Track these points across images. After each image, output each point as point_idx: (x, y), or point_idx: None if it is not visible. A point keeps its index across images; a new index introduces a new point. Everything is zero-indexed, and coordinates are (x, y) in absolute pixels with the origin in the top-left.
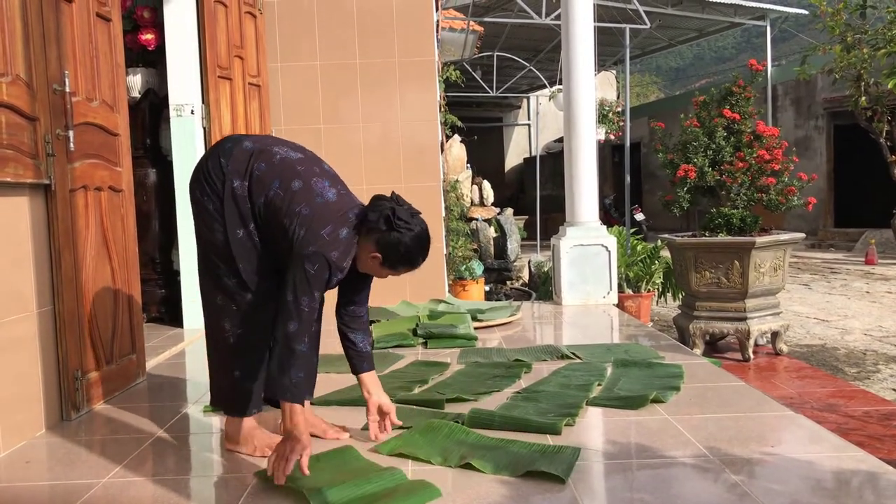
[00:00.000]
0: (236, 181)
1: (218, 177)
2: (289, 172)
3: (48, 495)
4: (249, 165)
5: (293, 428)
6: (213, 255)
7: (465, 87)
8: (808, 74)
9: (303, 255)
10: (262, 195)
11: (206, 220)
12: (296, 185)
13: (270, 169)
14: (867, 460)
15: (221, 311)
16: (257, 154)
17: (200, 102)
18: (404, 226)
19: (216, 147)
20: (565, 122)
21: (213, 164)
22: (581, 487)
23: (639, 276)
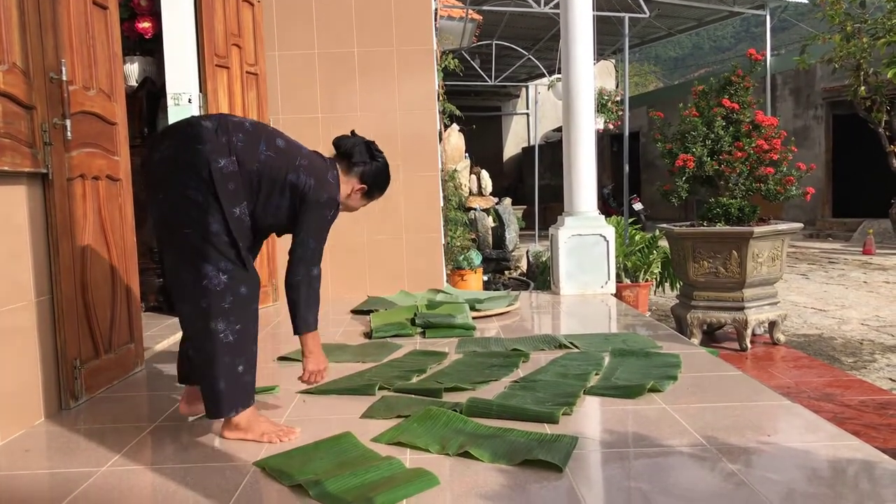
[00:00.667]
0: (221, 160)
1: (199, 163)
2: (266, 134)
3: (47, 483)
4: (228, 141)
5: (318, 350)
6: (208, 250)
7: (464, 75)
8: (808, 64)
9: (321, 203)
10: (255, 162)
11: (195, 214)
12: (280, 142)
13: (249, 136)
14: (863, 449)
15: (211, 314)
16: (226, 129)
17: (198, 91)
18: (380, 155)
19: (179, 137)
20: (564, 111)
21: (189, 153)
22: (578, 476)
23: (637, 265)
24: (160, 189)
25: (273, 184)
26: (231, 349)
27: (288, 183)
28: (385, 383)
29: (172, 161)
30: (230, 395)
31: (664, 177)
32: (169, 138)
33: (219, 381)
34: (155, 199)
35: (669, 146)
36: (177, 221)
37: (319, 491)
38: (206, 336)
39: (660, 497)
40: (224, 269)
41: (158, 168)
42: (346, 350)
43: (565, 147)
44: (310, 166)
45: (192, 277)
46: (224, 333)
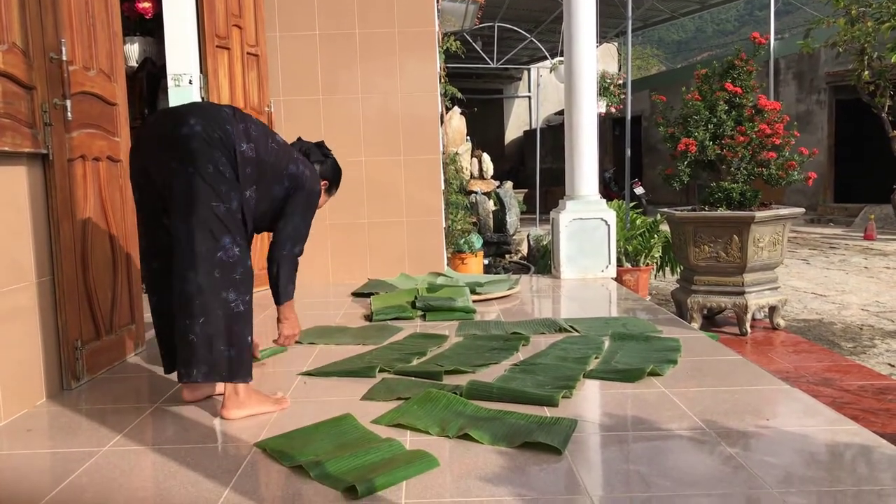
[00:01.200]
0: (243, 144)
1: (228, 143)
2: (268, 129)
3: (49, 463)
4: (245, 128)
5: (294, 317)
6: (230, 224)
7: (466, 58)
8: (812, 48)
9: (315, 191)
10: (266, 152)
11: (224, 189)
12: (279, 138)
13: (261, 129)
14: (861, 434)
15: (223, 284)
16: (242, 117)
17: (199, 72)
18: (331, 153)
19: (208, 116)
20: (566, 94)
21: (221, 132)
22: (577, 459)
23: (638, 250)
24: (189, 162)
25: (277, 173)
26: (241, 319)
27: (289, 173)
28: (385, 366)
29: (205, 137)
30: (244, 362)
31: (666, 161)
32: (195, 116)
33: (231, 349)
34: (180, 171)
35: (671, 130)
36: (205, 194)
37: (320, 472)
38: (217, 305)
39: (658, 480)
40: (238, 243)
41: (189, 142)
42: (346, 332)
43: (567, 130)
44: (303, 160)
45: (206, 248)
46: (235, 303)
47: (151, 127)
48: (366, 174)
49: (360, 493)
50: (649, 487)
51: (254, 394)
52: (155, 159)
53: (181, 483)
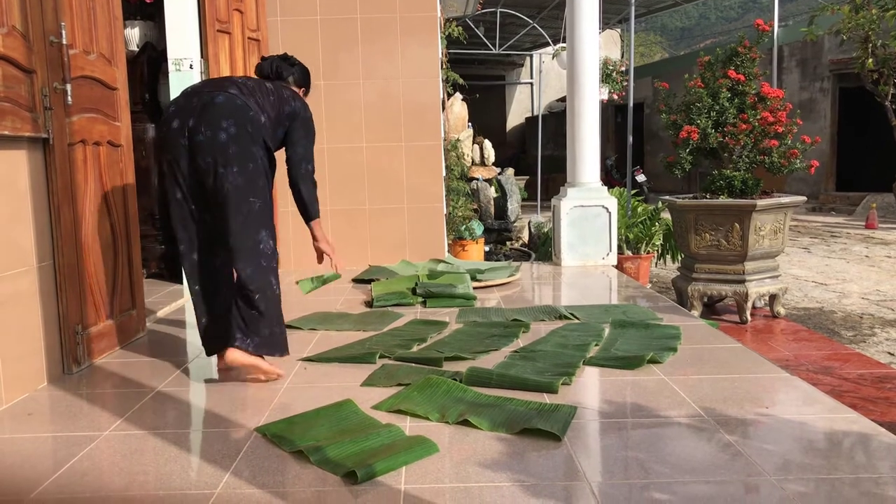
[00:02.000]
0: (264, 118)
1: (257, 138)
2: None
3: (50, 447)
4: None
5: (324, 235)
6: (264, 218)
7: (468, 44)
8: (816, 35)
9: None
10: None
11: (261, 183)
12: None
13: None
14: (860, 422)
15: (267, 272)
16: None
17: (199, 57)
18: (295, 59)
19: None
20: (568, 81)
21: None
22: (576, 445)
23: (639, 237)
24: (232, 163)
25: (279, 122)
26: (279, 301)
27: (286, 114)
28: (386, 352)
29: (242, 137)
30: (276, 339)
31: (668, 148)
32: (226, 118)
33: (279, 326)
34: (226, 173)
35: (674, 117)
36: (247, 191)
37: (320, 457)
38: (266, 289)
39: (657, 466)
40: (272, 237)
41: (229, 145)
42: (347, 319)
43: (569, 117)
44: (291, 91)
45: (251, 243)
46: (276, 287)
47: (186, 132)
48: (366, 160)
49: (359, 478)
50: (648, 474)
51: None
52: (201, 166)
53: (181, 467)
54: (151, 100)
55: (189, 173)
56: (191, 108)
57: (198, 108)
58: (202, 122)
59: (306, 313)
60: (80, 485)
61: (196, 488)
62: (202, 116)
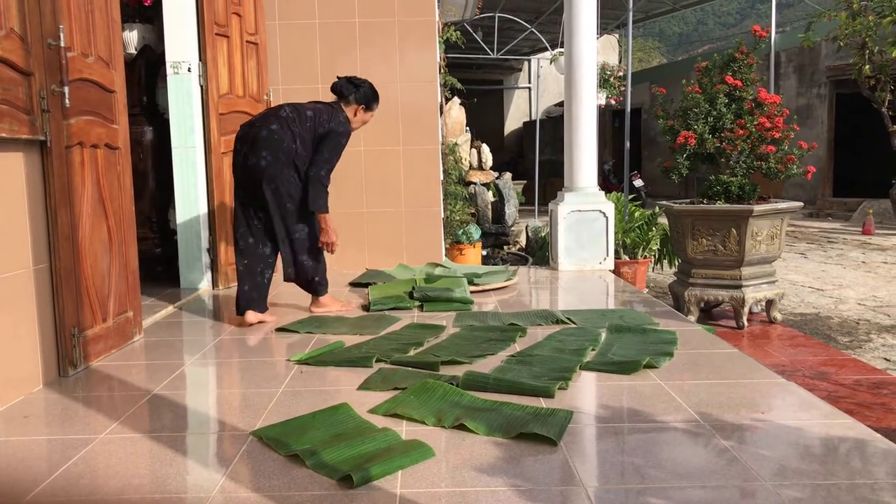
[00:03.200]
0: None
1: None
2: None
3: (46, 450)
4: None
5: (328, 226)
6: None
7: (466, 48)
8: (813, 42)
9: (339, 132)
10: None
11: (294, 193)
12: (308, 112)
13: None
14: (856, 428)
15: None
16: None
17: (198, 60)
18: (361, 81)
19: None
20: (566, 86)
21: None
22: (573, 450)
23: (636, 242)
24: (273, 182)
25: (312, 140)
26: (312, 268)
27: (319, 134)
28: (382, 356)
29: (275, 163)
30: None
31: (665, 153)
32: (265, 149)
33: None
34: (268, 188)
35: (671, 123)
36: (286, 197)
37: (316, 461)
38: (301, 261)
39: (653, 471)
40: (304, 226)
41: (268, 170)
42: (344, 322)
43: (567, 122)
44: (327, 114)
45: (285, 232)
46: (307, 260)
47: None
48: (365, 164)
49: (355, 483)
50: (644, 479)
51: (330, 300)
52: (252, 180)
53: (177, 471)
54: (149, 103)
55: (244, 185)
56: (246, 139)
57: (250, 140)
58: (251, 152)
59: (302, 317)
60: (75, 488)
61: (192, 492)
62: (252, 147)
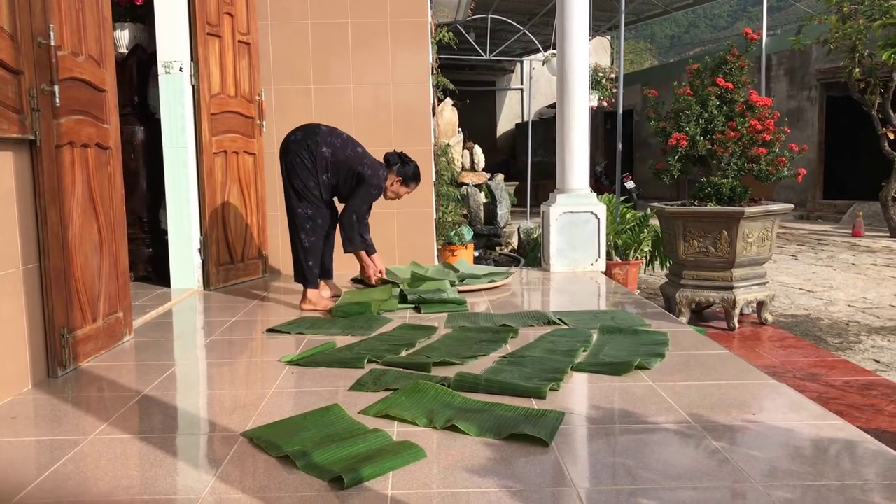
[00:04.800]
0: (325, 149)
1: (312, 148)
2: (350, 145)
3: (34, 451)
4: (331, 139)
5: (368, 261)
6: (301, 196)
7: (458, 49)
8: (804, 45)
9: (372, 184)
10: (343, 154)
11: (300, 174)
12: (359, 150)
13: (342, 143)
14: (846, 429)
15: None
16: (330, 135)
17: (189, 60)
18: (409, 159)
19: (310, 130)
20: (558, 87)
21: (311, 141)
22: (564, 451)
23: (627, 243)
24: (284, 157)
25: (350, 169)
26: (307, 250)
27: (357, 172)
28: (374, 357)
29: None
30: (311, 275)
31: (657, 155)
32: (300, 130)
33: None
34: (282, 164)
35: (663, 125)
36: (290, 176)
37: (307, 462)
38: (296, 241)
39: (644, 473)
40: (311, 208)
41: (287, 145)
42: (335, 323)
43: (559, 124)
44: (371, 165)
45: (294, 210)
46: (304, 241)
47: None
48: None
49: (346, 484)
50: (635, 480)
51: (318, 297)
52: (281, 156)
53: (167, 472)
54: (140, 102)
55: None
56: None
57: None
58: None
59: (292, 318)
60: (63, 489)
61: (182, 493)
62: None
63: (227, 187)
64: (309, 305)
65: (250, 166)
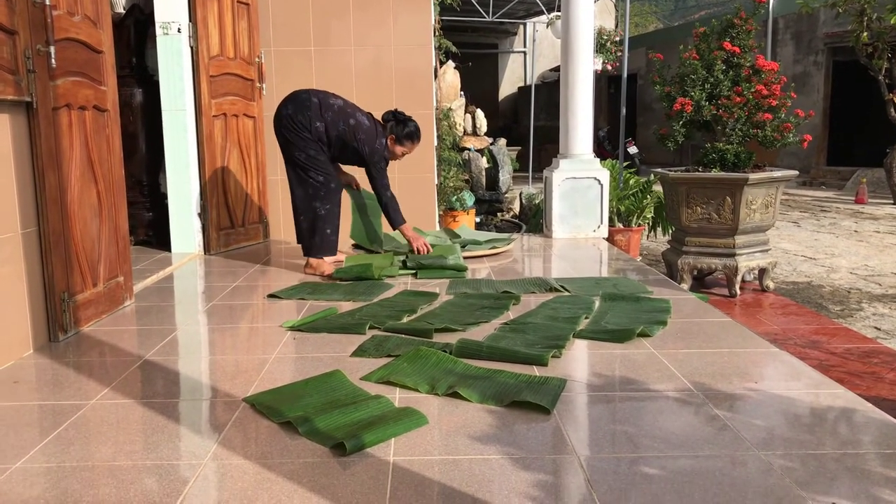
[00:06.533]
0: (318, 123)
1: (306, 122)
2: (342, 117)
3: (37, 415)
4: (322, 114)
5: (413, 234)
6: (305, 164)
7: (461, 11)
8: (811, 8)
9: (374, 157)
10: (335, 130)
11: (300, 144)
12: (351, 122)
13: (334, 116)
14: (845, 396)
15: (313, 197)
16: (321, 108)
17: (188, 20)
18: (403, 116)
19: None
20: (562, 50)
21: (302, 116)
22: (565, 418)
23: (630, 210)
24: (283, 131)
25: (345, 145)
26: (323, 219)
27: (351, 146)
28: (376, 323)
29: (292, 116)
30: (322, 245)
31: (661, 120)
32: (290, 103)
33: (314, 236)
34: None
35: (668, 89)
36: (294, 147)
37: (308, 428)
38: (309, 210)
39: (645, 440)
40: (320, 174)
41: (280, 119)
42: (337, 288)
43: (562, 88)
44: (366, 138)
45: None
46: (319, 209)
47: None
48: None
49: (348, 450)
50: (636, 448)
51: (323, 263)
52: (276, 130)
53: (169, 437)
54: (139, 64)
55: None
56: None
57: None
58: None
59: (294, 282)
60: (66, 454)
61: (184, 458)
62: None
63: (227, 151)
64: (310, 270)
65: (250, 130)
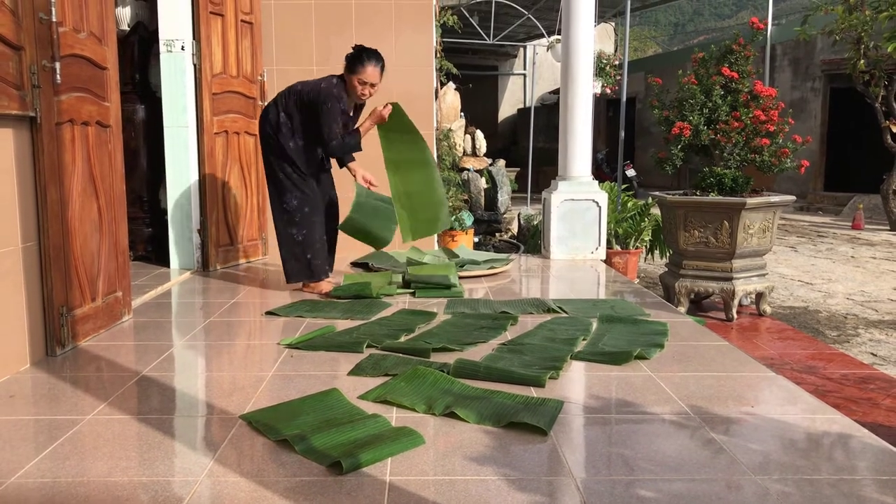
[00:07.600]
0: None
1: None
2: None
3: (32, 430)
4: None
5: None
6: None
7: (462, 33)
8: (809, 35)
9: (320, 100)
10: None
11: (278, 164)
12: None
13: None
14: (841, 422)
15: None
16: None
17: (191, 38)
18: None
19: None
20: (562, 73)
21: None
22: (562, 439)
23: (628, 232)
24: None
25: (314, 113)
26: (301, 245)
27: (304, 107)
28: (373, 341)
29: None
30: (317, 268)
31: (659, 144)
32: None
33: (304, 258)
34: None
35: (666, 113)
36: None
37: (305, 446)
38: (286, 237)
39: (641, 462)
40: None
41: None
42: (335, 306)
43: (562, 110)
44: (312, 90)
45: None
46: (296, 235)
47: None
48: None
49: (344, 469)
50: (632, 471)
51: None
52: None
53: (165, 453)
54: (142, 81)
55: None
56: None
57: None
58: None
59: (293, 301)
60: (61, 469)
61: (179, 475)
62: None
63: (227, 168)
64: (308, 288)
65: (251, 147)
